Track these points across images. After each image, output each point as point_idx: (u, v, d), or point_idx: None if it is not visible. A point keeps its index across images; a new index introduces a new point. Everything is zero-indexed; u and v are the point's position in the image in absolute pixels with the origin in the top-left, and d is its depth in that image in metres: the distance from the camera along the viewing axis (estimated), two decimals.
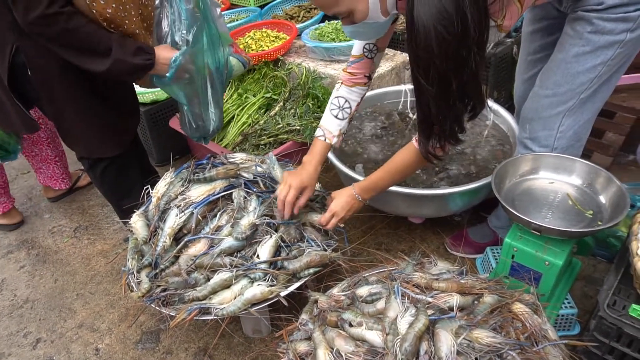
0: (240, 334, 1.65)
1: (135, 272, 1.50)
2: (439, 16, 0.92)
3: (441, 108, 1.08)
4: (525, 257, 1.38)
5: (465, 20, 0.93)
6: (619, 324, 1.17)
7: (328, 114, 1.55)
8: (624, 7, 1.14)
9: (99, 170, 1.74)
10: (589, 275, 1.73)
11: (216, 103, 1.73)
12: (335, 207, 1.47)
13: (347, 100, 1.54)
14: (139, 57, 1.40)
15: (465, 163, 1.84)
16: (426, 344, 1.02)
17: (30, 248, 2.20)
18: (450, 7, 0.92)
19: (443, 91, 1.04)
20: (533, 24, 1.50)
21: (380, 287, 1.26)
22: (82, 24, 1.32)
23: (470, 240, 1.85)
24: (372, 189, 1.46)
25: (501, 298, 1.22)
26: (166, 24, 1.55)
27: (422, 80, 1.03)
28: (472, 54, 0.99)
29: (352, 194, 1.46)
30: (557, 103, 1.36)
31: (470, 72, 1.02)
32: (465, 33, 0.95)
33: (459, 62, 0.99)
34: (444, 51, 0.96)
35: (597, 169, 1.37)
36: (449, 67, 0.99)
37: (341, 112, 1.54)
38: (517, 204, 1.40)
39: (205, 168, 1.68)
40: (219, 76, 1.68)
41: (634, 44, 1.22)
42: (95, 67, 1.37)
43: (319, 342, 1.15)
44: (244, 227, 1.42)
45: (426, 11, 0.93)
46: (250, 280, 1.38)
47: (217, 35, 1.64)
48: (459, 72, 1.01)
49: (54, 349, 1.70)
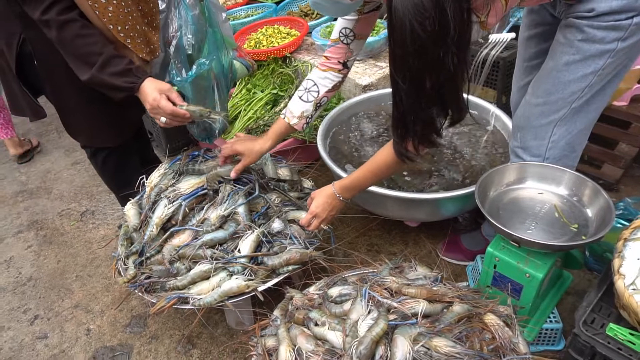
0: (224, 325, 1.68)
1: (124, 258, 1.55)
2: (415, 11, 0.88)
3: (412, 108, 1.05)
4: (507, 268, 1.35)
5: (445, 17, 0.89)
6: (592, 343, 1.13)
7: (295, 94, 1.57)
8: (615, 14, 1.09)
9: (100, 159, 1.80)
10: (583, 291, 1.68)
11: (221, 105, 1.77)
12: (316, 208, 1.46)
13: (316, 84, 1.52)
14: (123, 78, 1.39)
15: (460, 168, 1.81)
16: (382, 349, 1.02)
17: (39, 229, 2.30)
18: (428, 2, 0.88)
19: (415, 91, 1.01)
20: (529, 29, 1.45)
21: (351, 289, 1.27)
22: (75, 35, 1.33)
23: (462, 247, 1.83)
24: (353, 187, 1.43)
25: (472, 308, 1.20)
26: (172, 29, 1.59)
27: (396, 76, 1.00)
28: (450, 55, 0.94)
29: (331, 193, 1.45)
30: (549, 112, 1.32)
31: (447, 74, 0.98)
32: (443, 31, 0.90)
33: (435, 62, 0.95)
34: (418, 49, 0.92)
35: (585, 180, 1.33)
36: (422, 67, 0.96)
37: (306, 94, 1.53)
38: (501, 214, 1.37)
39: (198, 160, 1.72)
40: (224, 79, 1.72)
41: (627, 54, 1.17)
42: (79, 75, 1.41)
43: (282, 338, 1.17)
44: (213, 219, 1.44)
45: (403, 4, 0.89)
46: (229, 273, 1.41)
47: (221, 40, 1.68)
48: (434, 73, 0.97)
49: (49, 326, 1.78)
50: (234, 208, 1.52)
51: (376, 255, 1.88)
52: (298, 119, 1.54)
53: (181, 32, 1.52)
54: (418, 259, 1.62)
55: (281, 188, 1.67)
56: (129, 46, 1.45)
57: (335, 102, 2.38)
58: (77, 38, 1.35)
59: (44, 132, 3.25)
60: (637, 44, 1.16)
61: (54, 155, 2.96)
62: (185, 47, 1.64)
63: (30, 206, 2.49)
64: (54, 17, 1.31)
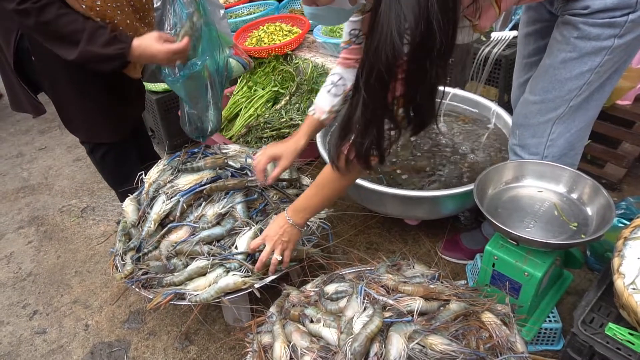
0: (222, 321, 1.68)
1: (122, 254, 1.55)
2: (397, 21, 0.83)
3: (366, 118, 0.99)
4: (505, 267, 1.34)
5: (430, 29, 0.83)
6: (591, 342, 1.12)
7: (322, 90, 1.53)
8: (610, 12, 1.08)
9: (98, 155, 1.80)
10: (583, 290, 1.66)
11: (215, 105, 1.76)
12: (267, 231, 1.37)
13: (342, 77, 1.49)
14: (111, 47, 1.40)
15: (461, 166, 1.80)
16: (377, 346, 1.01)
17: (39, 225, 2.31)
18: (410, 14, 0.82)
19: (376, 102, 0.95)
20: (527, 26, 1.44)
21: (348, 286, 1.26)
22: (55, 16, 1.33)
23: (462, 246, 1.81)
24: (302, 208, 1.33)
25: (470, 306, 1.19)
26: (168, 26, 1.59)
27: (361, 82, 0.94)
28: (433, 68, 0.89)
29: (284, 216, 1.35)
30: (546, 110, 1.31)
31: (426, 87, 0.94)
32: (425, 45, 0.85)
33: (414, 76, 0.91)
34: (391, 60, 0.87)
35: (585, 178, 1.32)
36: (388, 78, 0.90)
37: (334, 88, 1.49)
38: (500, 212, 1.36)
39: (197, 157, 1.71)
40: (219, 78, 1.71)
41: (624, 51, 1.15)
42: (66, 55, 1.41)
43: (277, 335, 1.16)
44: (210, 216, 1.44)
45: (386, 11, 0.84)
46: (225, 269, 1.41)
47: (217, 38, 1.67)
48: (410, 87, 0.93)
49: (48, 321, 1.79)
50: (232, 205, 1.52)
51: (375, 253, 1.87)
52: (328, 114, 1.50)
53: (176, 29, 1.52)
54: (417, 258, 1.61)
55: (279, 186, 1.66)
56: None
57: None
58: (59, 18, 1.34)
59: (46, 128, 3.26)
60: (635, 41, 1.14)
61: (56, 151, 2.97)
62: None
63: (31, 202, 2.50)
64: (30, 6, 1.30)
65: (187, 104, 1.74)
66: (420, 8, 0.82)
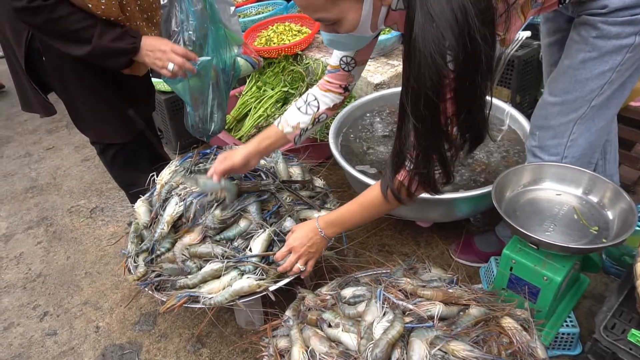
0: (234, 324, 1.66)
1: (134, 255, 1.54)
2: (436, 43, 0.81)
3: (423, 147, 0.97)
4: (524, 271, 1.32)
5: (473, 45, 0.81)
6: (613, 349, 1.10)
7: (292, 105, 1.48)
8: (630, 9, 1.06)
9: (109, 156, 1.80)
10: (599, 294, 1.64)
11: (219, 106, 1.74)
12: (293, 241, 1.34)
13: (317, 99, 1.44)
14: (123, 41, 1.42)
15: (475, 168, 1.78)
16: (398, 352, 1.00)
17: (49, 225, 2.30)
18: (449, 33, 0.79)
19: (431, 128, 0.93)
20: (548, 37, 1.44)
21: (365, 290, 1.24)
22: (67, 13, 1.34)
23: (475, 248, 1.80)
24: (338, 223, 1.31)
25: (489, 311, 1.17)
26: (174, 23, 1.58)
27: (408, 110, 0.92)
28: (479, 88, 0.88)
29: (314, 227, 1.33)
30: (568, 111, 1.29)
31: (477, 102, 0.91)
32: (471, 61, 0.83)
33: (464, 93, 0.88)
34: (437, 84, 0.84)
35: (605, 181, 1.30)
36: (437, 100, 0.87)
37: (305, 106, 1.44)
38: (518, 215, 1.34)
39: (209, 158, 1.70)
40: (225, 77, 1.69)
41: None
42: (76, 52, 1.41)
43: (295, 340, 1.15)
44: (216, 217, 1.44)
45: (422, 35, 0.81)
46: (240, 272, 1.39)
47: (224, 36, 1.66)
48: (462, 105, 0.90)
49: (58, 322, 1.78)
50: (245, 207, 1.50)
51: (388, 255, 1.86)
52: (292, 129, 1.44)
53: (182, 27, 1.50)
54: (431, 260, 1.60)
55: (292, 188, 1.64)
56: None
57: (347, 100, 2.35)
58: (71, 15, 1.35)
59: (53, 128, 3.26)
60: None
61: (64, 151, 2.96)
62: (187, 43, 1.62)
63: (40, 202, 2.49)
64: (42, 3, 1.30)
65: (188, 105, 1.73)
66: (459, 25, 0.80)
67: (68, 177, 2.68)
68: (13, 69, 1.66)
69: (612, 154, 1.64)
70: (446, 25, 0.80)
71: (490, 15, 0.83)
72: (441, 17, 0.80)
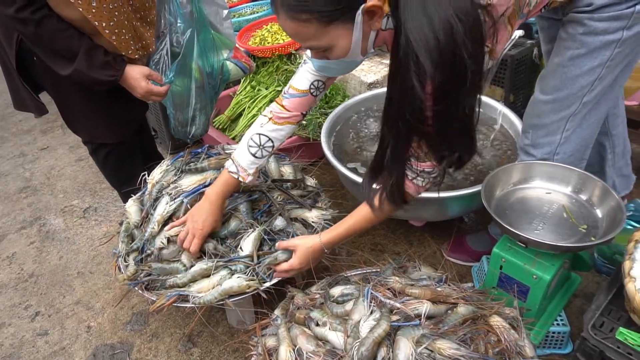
0: (225, 324, 1.66)
1: (125, 255, 1.54)
2: (416, 71, 0.83)
3: (394, 158, 1.01)
4: (513, 269, 1.32)
5: (460, 66, 0.82)
6: (601, 347, 1.10)
7: (245, 150, 1.38)
8: (615, 5, 1.06)
9: (101, 155, 1.79)
10: (591, 293, 1.64)
11: (202, 110, 1.74)
12: (299, 264, 1.33)
13: (271, 139, 1.37)
14: (104, 72, 1.42)
15: (467, 167, 1.78)
16: (384, 350, 1.00)
17: (42, 225, 2.30)
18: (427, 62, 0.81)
19: (404, 141, 0.97)
20: (546, 44, 1.45)
21: (354, 289, 1.24)
22: (53, 30, 1.33)
23: (467, 247, 1.79)
24: (337, 242, 1.35)
25: (478, 309, 1.17)
26: (163, 24, 1.58)
27: (386, 127, 0.96)
28: (461, 107, 0.89)
29: (320, 249, 1.32)
30: (559, 108, 1.29)
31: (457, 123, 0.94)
32: (451, 86, 0.84)
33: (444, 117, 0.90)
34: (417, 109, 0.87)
35: (594, 179, 1.30)
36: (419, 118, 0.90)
37: (260, 151, 1.38)
38: (508, 214, 1.34)
39: (200, 157, 1.70)
40: (212, 81, 1.68)
41: (635, 42, 1.14)
42: (59, 71, 1.42)
43: (282, 338, 1.14)
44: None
45: (406, 59, 0.83)
46: (230, 271, 1.39)
47: (211, 40, 1.65)
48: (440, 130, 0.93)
49: (50, 323, 1.77)
50: (235, 206, 1.50)
51: (380, 254, 1.86)
52: (252, 176, 1.39)
53: (170, 29, 1.50)
54: (422, 259, 1.60)
55: (283, 187, 1.64)
56: (114, 43, 1.44)
57: (340, 99, 2.35)
58: (56, 33, 1.35)
59: (48, 128, 3.25)
60: None
61: (58, 152, 2.96)
62: (174, 45, 1.62)
63: (33, 202, 2.49)
64: (29, 16, 1.30)
65: (168, 108, 1.74)
66: (441, 48, 0.80)
67: (62, 177, 2.68)
68: (6, 68, 1.65)
69: (620, 147, 1.64)
70: (425, 54, 0.81)
71: (478, 31, 0.83)
72: (420, 43, 0.81)
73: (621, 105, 1.61)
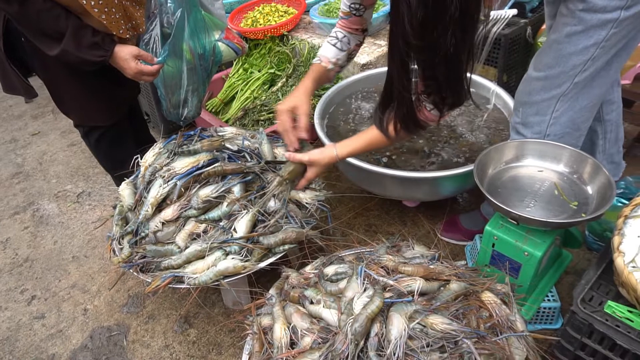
0: (221, 305, 1.67)
1: (119, 238, 1.54)
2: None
3: (398, 90, 1.05)
4: (505, 247, 1.33)
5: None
6: (590, 320, 1.12)
7: (326, 43, 1.54)
8: None
9: (93, 139, 1.78)
10: (582, 270, 1.66)
11: (194, 91, 1.72)
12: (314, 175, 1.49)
13: (346, 35, 1.51)
14: (92, 52, 1.40)
15: (460, 147, 1.79)
16: (378, 326, 1.01)
17: (35, 210, 2.29)
18: None
19: (402, 72, 1.01)
20: (550, 19, 1.43)
21: (347, 267, 1.25)
22: (40, 9, 1.31)
23: (460, 227, 1.81)
24: (351, 155, 1.46)
25: (470, 286, 1.19)
26: (154, 4, 1.55)
27: (389, 57, 1.00)
28: (449, 34, 0.93)
29: (334, 158, 1.44)
30: (550, 86, 1.29)
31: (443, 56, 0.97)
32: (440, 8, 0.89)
33: (430, 43, 0.94)
34: (414, 27, 0.91)
35: (585, 156, 1.31)
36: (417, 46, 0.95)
37: (340, 43, 1.52)
38: (500, 192, 1.35)
39: (193, 140, 1.69)
40: (204, 63, 1.66)
41: (632, 24, 1.13)
42: (47, 51, 1.39)
43: (277, 317, 1.16)
44: (200, 197, 1.43)
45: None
46: (224, 252, 1.40)
47: (202, 21, 1.63)
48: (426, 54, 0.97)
49: (46, 306, 1.78)
50: (229, 188, 1.50)
51: (374, 235, 1.87)
52: (333, 65, 1.53)
53: (161, 9, 1.47)
54: (417, 239, 1.61)
55: (277, 169, 1.64)
56: (104, 22, 1.41)
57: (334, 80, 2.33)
58: (42, 12, 1.32)
59: (39, 113, 3.22)
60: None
61: (50, 137, 2.93)
62: (165, 25, 1.59)
63: (26, 188, 2.47)
64: None
65: (159, 90, 1.72)
66: None
67: (54, 162, 2.66)
68: None
69: (613, 134, 1.65)
70: None
71: None
72: None
73: (617, 91, 1.60)
